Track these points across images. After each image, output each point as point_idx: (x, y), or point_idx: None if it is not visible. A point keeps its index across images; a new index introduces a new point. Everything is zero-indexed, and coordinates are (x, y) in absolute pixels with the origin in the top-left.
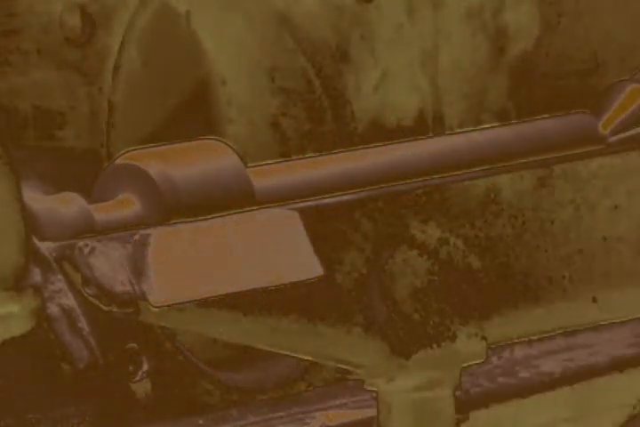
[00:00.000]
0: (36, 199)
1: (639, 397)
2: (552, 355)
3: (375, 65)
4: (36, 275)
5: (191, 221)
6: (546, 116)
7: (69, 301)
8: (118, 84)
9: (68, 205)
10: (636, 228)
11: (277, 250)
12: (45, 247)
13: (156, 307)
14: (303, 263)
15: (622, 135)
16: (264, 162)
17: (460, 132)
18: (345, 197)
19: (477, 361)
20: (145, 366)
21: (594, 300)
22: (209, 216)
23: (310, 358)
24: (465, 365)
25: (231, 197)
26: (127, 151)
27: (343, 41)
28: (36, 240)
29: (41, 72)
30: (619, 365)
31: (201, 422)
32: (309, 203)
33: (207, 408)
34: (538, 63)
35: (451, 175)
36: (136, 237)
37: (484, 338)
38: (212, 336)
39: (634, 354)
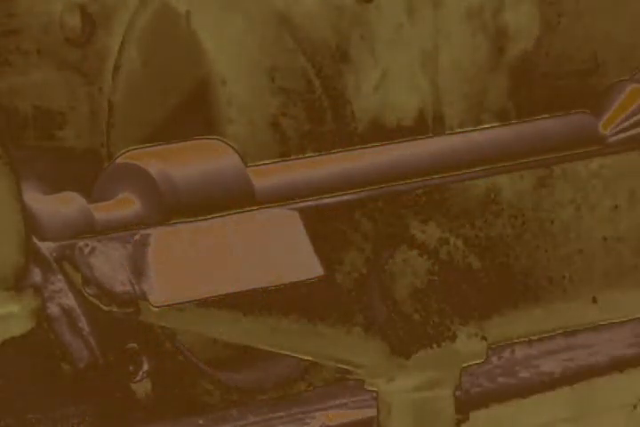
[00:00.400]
0: (36, 199)
1: (639, 397)
2: (552, 355)
3: (375, 65)
4: (36, 275)
5: (191, 221)
6: (546, 116)
7: (69, 301)
8: (118, 84)
9: (68, 205)
10: (636, 228)
11: (277, 250)
12: (45, 247)
13: (156, 307)
14: (303, 263)
15: (622, 135)
16: (264, 162)
17: (459, 132)
18: (345, 197)
19: (477, 361)
20: (145, 366)
21: (594, 300)
22: (209, 216)
23: (310, 358)
24: (465, 365)
25: (231, 197)
26: (127, 151)
27: (343, 41)
28: (36, 240)
29: (41, 72)
30: (619, 365)
31: (201, 422)
32: (309, 203)
33: (207, 408)
34: (538, 63)
35: (451, 175)
36: (136, 237)
37: (484, 338)
38: (212, 336)
39: (634, 354)
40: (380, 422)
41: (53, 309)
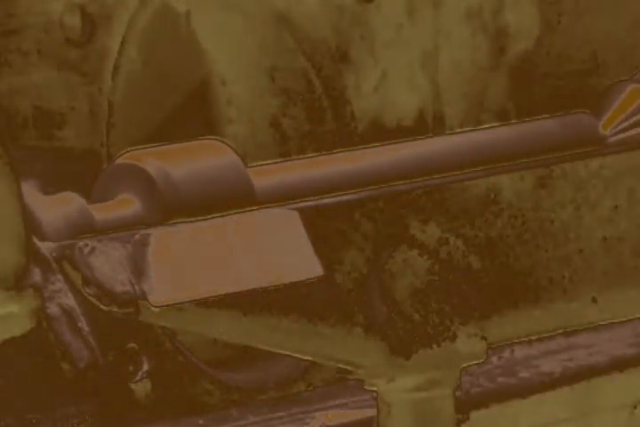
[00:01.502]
0: (36, 199)
1: (639, 397)
2: (552, 355)
3: (375, 65)
4: (36, 275)
5: (191, 221)
6: (546, 116)
7: (69, 301)
8: (118, 84)
9: (67, 205)
10: (636, 228)
11: (277, 250)
12: (45, 247)
13: (156, 307)
14: (303, 263)
15: (622, 135)
16: (264, 162)
17: (459, 132)
18: (345, 197)
19: (477, 361)
20: (145, 366)
21: (594, 300)
22: (209, 216)
23: (310, 358)
24: (465, 365)
25: (231, 197)
26: (127, 151)
27: (343, 41)
28: (36, 240)
29: (41, 72)
30: (619, 365)
31: (201, 422)
32: (309, 203)
33: (207, 408)
34: (538, 63)
35: (451, 175)
36: (136, 237)
37: (484, 338)
38: (212, 336)
39: (634, 354)
40: (379, 422)
41: (53, 309)
